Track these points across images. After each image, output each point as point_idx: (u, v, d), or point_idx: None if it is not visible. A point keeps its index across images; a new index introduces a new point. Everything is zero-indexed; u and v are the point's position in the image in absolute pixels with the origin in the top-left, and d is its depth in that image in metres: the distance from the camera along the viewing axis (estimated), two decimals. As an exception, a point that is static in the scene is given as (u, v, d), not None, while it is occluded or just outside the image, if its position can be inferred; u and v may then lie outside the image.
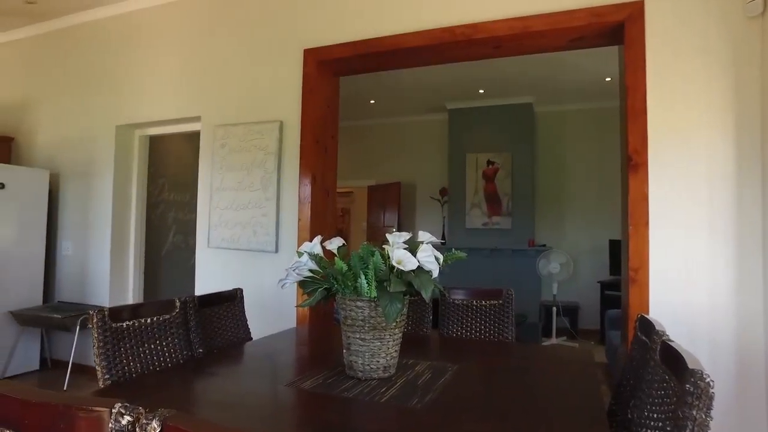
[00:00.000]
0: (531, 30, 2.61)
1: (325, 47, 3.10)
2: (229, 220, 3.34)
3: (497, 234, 6.40)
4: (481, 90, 6.13)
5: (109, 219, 3.92)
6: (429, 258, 1.53)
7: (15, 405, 0.79)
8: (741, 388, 2.22)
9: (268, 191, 3.21)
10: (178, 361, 1.85)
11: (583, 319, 6.21)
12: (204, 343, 2.01)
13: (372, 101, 6.73)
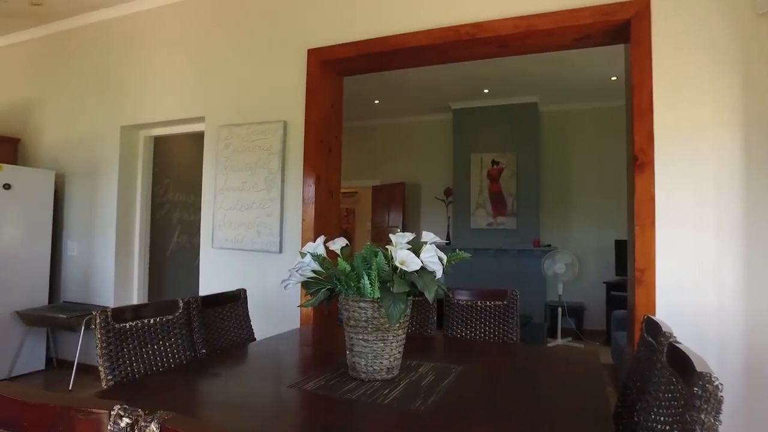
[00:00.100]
0: (536, 29, 2.59)
1: (329, 47, 3.09)
2: (233, 220, 3.34)
3: (502, 234, 6.37)
4: (486, 90, 6.11)
5: (114, 219, 3.93)
6: (432, 258, 1.52)
7: (14, 406, 0.78)
8: (750, 390, 2.19)
9: (272, 191, 3.21)
10: (181, 362, 1.84)
11: (589, 320, 6.17)
12: (207, 344, 2.00)
13: (376, 101, 6.72)
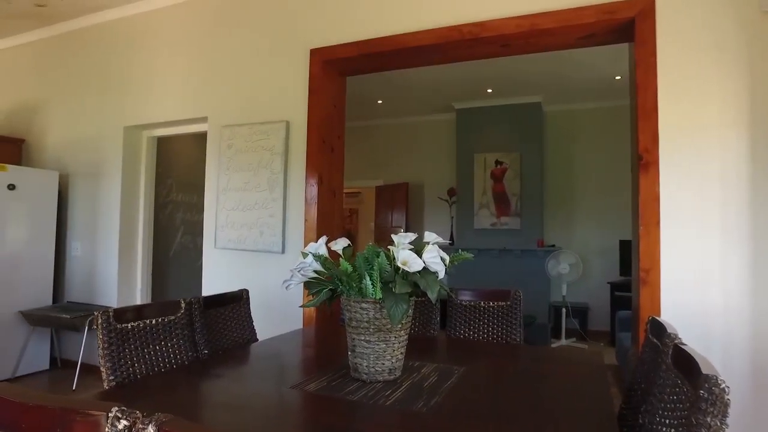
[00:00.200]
0: (539, 28, 2.57)
1: (331, 47, 3.09)
2: (236, 220, 3.33)
3: (506, 234, 6.35)
4: (489, 89, 6.09)
5: (117, 220, 3.94)
6: (435, 259, 1.51)
7: (13, 408, 0.78)
8: (756, 392, 2.17)
9: (274, 192, 3.21)
10: (183, 363, 1.84)
11: (593, 321, 6.14)
12: (209, 345, 2.00)
13: (379, 101, 6.72)
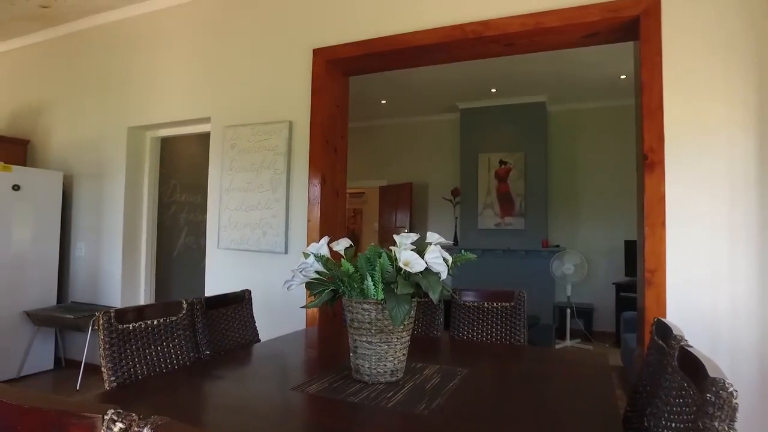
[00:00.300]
0: (543, 26, 2.55)
1: (334, 47, 3.08)
2: (239, 221, 3.33)
3: (510, 235, 6.32)
4: (493, 89, 6.06)
5: (121, 220, 3.95)
6: (437, 259, 1.49)
7: (8, 410, 0.77)
8: (764, 397, 2.14)
9: (277, 192, 3.20)
10: (184, 364, 1.83)
11: (598, 321, 6.10)
12: (211, 345, 1.99)
13: (383, 101, 6.71)
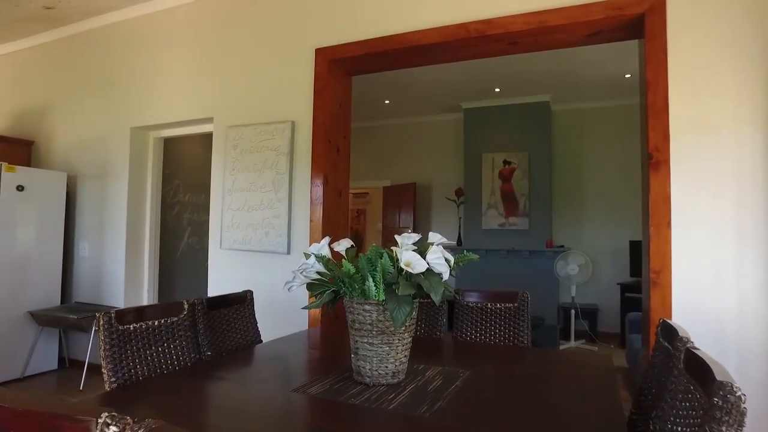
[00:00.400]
0: (547, 25, 2.53)
1: (337, 46, 3.06)
2: (242, 221, 3.32)
3: (514, 235, 6.29)
4: (497, 88, 6.04)
5: (125, 220, 3.95)
6: (439, 260, 1.47)
7: (1, 413, 0.76)
8: (771, 396, 2.11)
9: (279, 192, 3.19)
10: (185, 365, 1.82)
11: (603, 322, 6.06)
12: (212, 346, 1.98)
13: (386, 101, 6.69)
